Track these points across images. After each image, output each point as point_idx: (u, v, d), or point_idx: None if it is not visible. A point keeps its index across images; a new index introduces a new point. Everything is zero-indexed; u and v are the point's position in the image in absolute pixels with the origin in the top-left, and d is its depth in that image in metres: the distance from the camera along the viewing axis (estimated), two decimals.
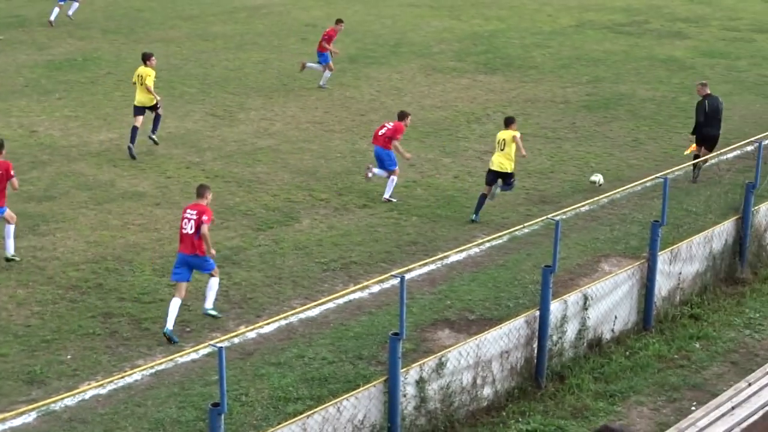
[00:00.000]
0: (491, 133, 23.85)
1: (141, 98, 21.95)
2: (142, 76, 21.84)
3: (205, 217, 14.60)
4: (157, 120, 22.31)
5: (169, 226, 18.18)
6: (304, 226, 18.51)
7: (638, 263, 15.12)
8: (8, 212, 16.65)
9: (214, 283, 15.02)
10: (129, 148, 21.71)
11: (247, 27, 34.61)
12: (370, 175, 20.04)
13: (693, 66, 30.68)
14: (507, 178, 19.13)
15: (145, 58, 22.20)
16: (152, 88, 21.78)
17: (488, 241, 16.86)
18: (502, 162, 18.95)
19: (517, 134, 18.93)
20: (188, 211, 14.80)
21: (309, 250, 17.39)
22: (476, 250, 17.45)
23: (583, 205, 16.82)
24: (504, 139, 18.93)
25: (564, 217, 15.92)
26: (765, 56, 32.04)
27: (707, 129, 21.12)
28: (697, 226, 17.51)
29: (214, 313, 15.04)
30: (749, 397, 12.95)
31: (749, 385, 13.18)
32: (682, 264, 15.78)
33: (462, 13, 37.51)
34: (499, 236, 16.38)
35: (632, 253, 17.06)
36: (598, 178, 20.56)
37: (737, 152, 21.79)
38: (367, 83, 28.14)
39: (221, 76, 28.43)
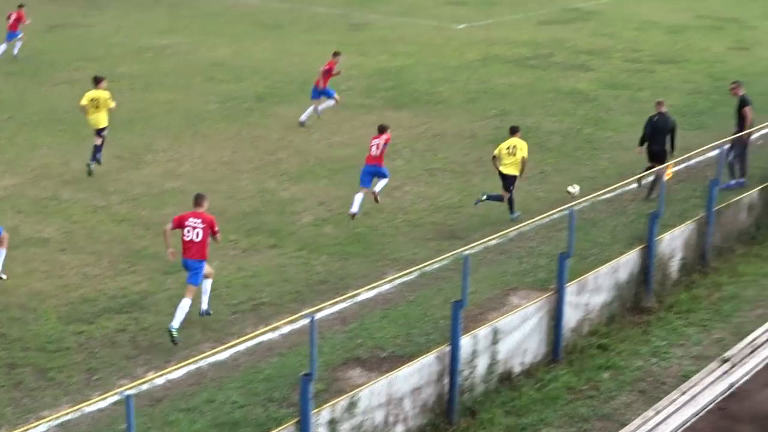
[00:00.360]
0: (400, 168, 24.03)
1: (95, 120, 23.26)
2: (97, 99, 23.16)
3: (216, 228, 15.89)
4: (97, 149, 23.27)
5: (75, 272, 17.92)
6: (213, 268, 18.33)
7: (546, 295, 15.27)
8: None
9: (207, 285, 16.18)
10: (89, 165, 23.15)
11: (153, 67, 34.37)
12: (378, 199, 21.01)
13: (597, 98, 31.18)
14: (512, 182, 21.03)
15: (97, 81, 23.52)
16: (111, 107, 23.41)
17: (398, 277, 16.86)
18: (514, 166, 20.99)
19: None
20: (190, 219, 15.81)
21: (218, 292, 17.22)
22: (387, 287, 17.45)
23: (491, 239, 16.92)
24: (515, 146, 21.07)
25: (473, 251, 15.99)
26: (666, 86, 32.68)
27: (651, 145, 22.36)
28: (603, 256, 17.72)
29: (210, 311, 16.23)
30: (657, 425, 13.12)
31: (657, 413, 13.36)
32: (589, 295, 15.97)
33: (369, 50, 37.71)
34: (409, 272, 16.40)
35: (541, 285, 17.22)
36: (575, 190, 20.70)
37: (644, 182, 22.13)
38: (275, 122, 28.10)
39: (127, 117, 28.13)
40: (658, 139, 22.34)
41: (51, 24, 41.74)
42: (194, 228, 15.70)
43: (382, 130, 21.21)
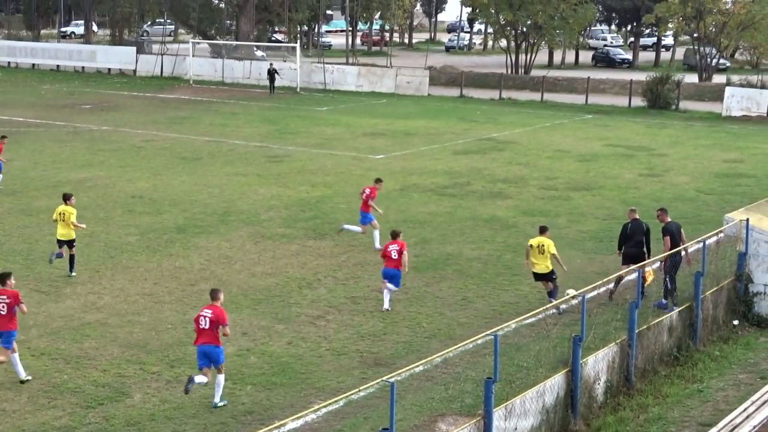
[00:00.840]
0: (323, 297, 24.04)
1: (62, 232, 25.64)
2: (64, 213, 25.57)
3: (227, 324, 18.05)
4: (71, 260, 25.66)
5: None
6: (136, 401, 18.03)
7: (474, 421, 15.21)
8: None
9: (221, 380, 17.96)
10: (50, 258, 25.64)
11: None
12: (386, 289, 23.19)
13: (515, 224, 31.65)
14: (550, 275, 23.05)
15: (66, 198, 26.17)
16: (76, 223, 25.65)
17: (324, 406, 16.71)
18: (546, 264, 23.03)
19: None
20: (205, 310, 17.98)
21: (141, 425, 16.89)
22: (313, 416, 17.28)
23: (417, 366, 16.91)
24: (543, 244, 23.19)
25: (399, 378, 15.96)
26: (582, 213, 33.33)
27: (627, 248, 24.27)
28: (529, 380, 17.74)
29: (222, 404, 17.89)
30: None
31: None
32: (516, 419, 15.96)
33: (289, 181, 37.96)
34: (335, 401, 16.25)
35: (468, 410, 17.12)
36: (573, 293, 20.90)
37: (563, 306, 22.39)
38: (196, 253, 27.99)
39: (46, 250, 27.78)
40: (634, 242, 24.20)
41: None
42: (205, 317, 17.88)
43: (395, 236, 23.50)
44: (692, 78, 74.62)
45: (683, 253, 23.86)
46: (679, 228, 24.16)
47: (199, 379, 17.81)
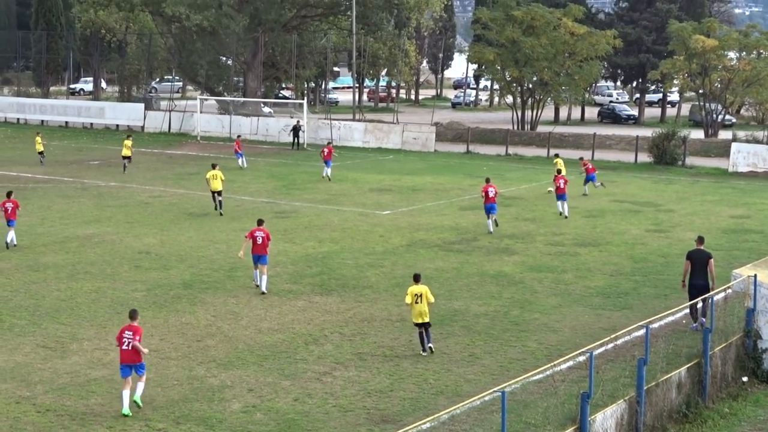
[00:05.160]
0: (329, 353, 23.98)
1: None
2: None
3: (138, 337, 20.42)
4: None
5: None
6: None
7: None
8: None
9: (140, 386, 20.45)
10: None
11: (78, 256, 34.21)
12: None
13: (522, 280, 31.60)
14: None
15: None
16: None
17: None
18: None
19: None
20: (126, 333, 20.45)
21: None
22: None
23: (424, 423, 16.80)
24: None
25: None
26: (589, 268, 33.28)
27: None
28: None
29: (140, 402, 20.20)
30: None
31: None
32: None
33: (296, 236, 38.01)
34: None
35: None
36: None
37: (570, 363, 22.22)
38: (203, 308, 27.96)
39: (52, 306, 27.86)
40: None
41: None
42: (128, 340, 20.41)
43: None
44: (698, 134, 74.97)
45: (710, 282, 25.35)
46: (707, 257, 25.66)
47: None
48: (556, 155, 53.95)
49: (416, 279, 24.51)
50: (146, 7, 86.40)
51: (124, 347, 20.35)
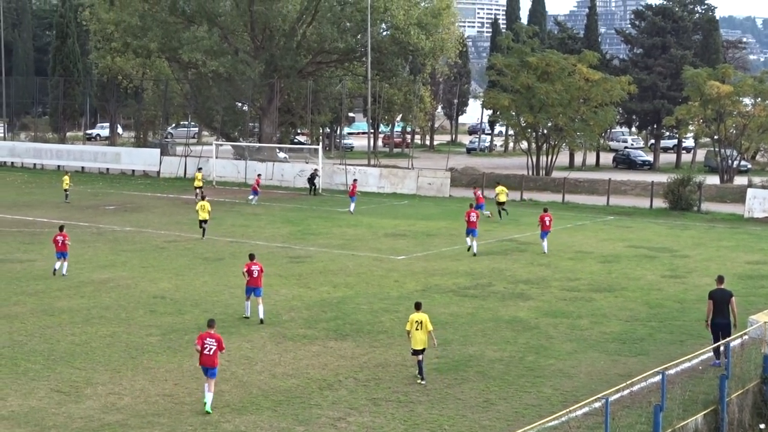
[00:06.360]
0: (344, 399, 23.91)
1: None
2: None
3: (223, 346, 23.55)
4: None
5: None
6: None
7: None
8: None
9: (210, 396, 22.70)
10: None
11: (93, 301, 34.27)
12: None
13: (537, 326, 31.49)
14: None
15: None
16: None
17: None
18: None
19: None
20: (207, 339, 23.07)
21: None
22: None
23: None
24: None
25: None
26: (604, 314, 33.16)
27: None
28: None
29: (210, 410, 22.50)
30: None
31: None
32: None
33: (310, 281, 38.01)
34: None
35: None
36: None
37: (585, 409, 22.11)
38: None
39: (67, 351, 27.87)
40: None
41: None
42: (210, 346, 23.02)
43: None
44: (714, 180, 74.86)
45: (732, 319, 26.40)
46: (729, 296, 26.65)
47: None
48: (497, 183, 60.74)
49: (417, 307, 25.75)
50: (163, 54, 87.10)
51: (205, 352, 22.97)
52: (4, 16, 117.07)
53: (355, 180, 65.83)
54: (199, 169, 69.92)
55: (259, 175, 70.24)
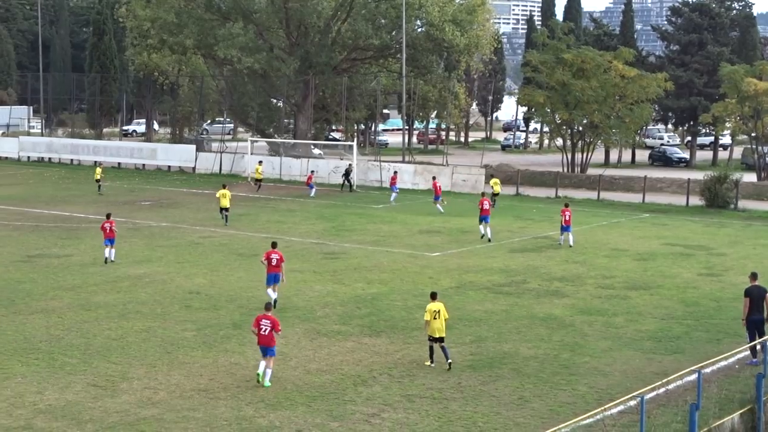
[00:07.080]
0: (378, 395, 23.93)
1: None
2: None
3: (279, 327, 24.83)
4: None
5: None
6: None
7: None
8: None
9: (269, 372, 24.46)
10: None
11: (129, 296, 34.49)
12: None
13: (572, 323, 31.39)
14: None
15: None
16: None
17: None
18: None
19: None
20: (263, 321, 24.47)
21: None
22: None
23: None
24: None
25: None
26: (640, 312, 33.01)
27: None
28: None
29: (268, 384, 24.23)
30: None
31: None
32: None
33: (345, 278, 38.06)
34: None
35: None
36: None
37: (620, 407, 22.00)
38: (252, 348, 27.94)
39: (103, 345, 28.07)
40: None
41: (28, 254, 42.15)
42: (265, 326, 24.45)
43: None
44: (751, 177, 74.30)
45: (765, 315, 26.81)
46: (764, 292, 27.00)
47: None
48: (491, 176, 64.29)
49: (433, 297, 26.85)
50: (198, 51, 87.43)
51: (262, 332, 24.52)
52: (41, 13, 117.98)
53: (395, 171, 67.63)
54: (260, 162, 72.91)
55: (312, 171, 71.28)
